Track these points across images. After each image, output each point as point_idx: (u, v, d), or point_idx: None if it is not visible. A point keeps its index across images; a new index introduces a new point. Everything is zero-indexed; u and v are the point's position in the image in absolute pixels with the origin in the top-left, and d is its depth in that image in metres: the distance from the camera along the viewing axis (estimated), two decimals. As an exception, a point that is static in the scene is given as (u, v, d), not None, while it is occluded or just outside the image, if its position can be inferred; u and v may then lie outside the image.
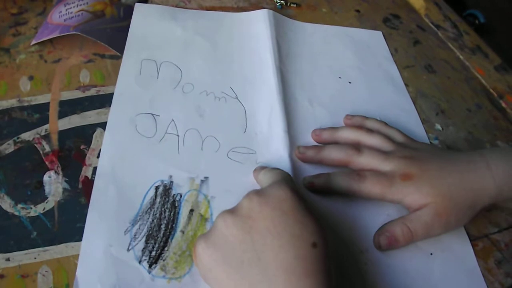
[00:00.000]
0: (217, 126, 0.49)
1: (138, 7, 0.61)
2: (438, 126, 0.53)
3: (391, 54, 0.62)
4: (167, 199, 0.42)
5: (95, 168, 0.43)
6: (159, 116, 0.48)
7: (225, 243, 0.33)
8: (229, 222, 0.33)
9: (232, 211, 0.34)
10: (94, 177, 0.42)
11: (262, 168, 0.43)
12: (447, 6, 0.75)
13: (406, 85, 0.58)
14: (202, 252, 0.34)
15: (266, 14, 0.61)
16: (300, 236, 0.32)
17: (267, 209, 0.33)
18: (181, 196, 0.43)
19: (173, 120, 0.48)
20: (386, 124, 0.49)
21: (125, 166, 0.44)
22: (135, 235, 0.40)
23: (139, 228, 0.40)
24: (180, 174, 0.44)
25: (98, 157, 0.44)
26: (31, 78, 0.50)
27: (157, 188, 0.43)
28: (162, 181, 0.43)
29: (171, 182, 0.43)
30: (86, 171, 0.43)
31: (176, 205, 0.42)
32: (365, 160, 0.43)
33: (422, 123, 0.53)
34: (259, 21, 0.61)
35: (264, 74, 0.55)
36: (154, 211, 0.41)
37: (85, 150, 0.45)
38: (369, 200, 0.43)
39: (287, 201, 0.34)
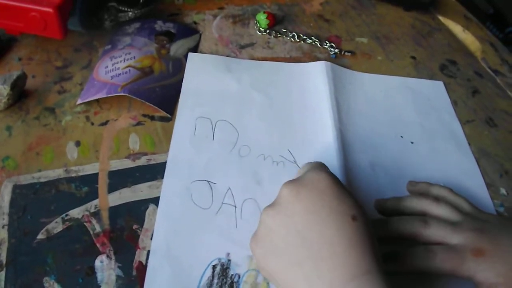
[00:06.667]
0: (275, 195, 0.45)
1: (192, 57, 0.59)
2: (503, 191, 0.50)
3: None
4: (224, 280, 0.39)
5: (149, 252, 0.40)
6: (215, 183, 0.46)
7: (270, 235, 0.34)
8: (271, 214, 0.35)
9: (273, 204, 0.36)
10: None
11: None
12: (504, 47, 0.72)
13: (468, 143, 0.54)
14: (254, 251, 0.36)
15: (323, 66, 0.59)
16: (339, 210, 0.33)
17: (304, 191, 0.35)
18: (239, 277, 0.40)
19: (230, 188, 0.46)
20: (452, 191, 0.46)
21: (180, 242, 0.41)
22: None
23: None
24: (238, 252, 0.41)
25: (151, 238, 0.41)
26: (77, 143, 0.47)
27: (214, 267, 0.40)
28: (219, 259, 0.41)
29: (229, 260, 0.41)
30: (140, 256, 0.40)
31: (235, 287, 0.39)
32: (433, 233, 0.41)
33: (487, 187, 0.50)
34: (317, 75, 0.59)
35: (323, 136, 0.52)
36: (211, 294, 0.39)
37: (138, 230, 0.41)
38: (437, 279, 0.41)
39: (322, 181, 0.35)
